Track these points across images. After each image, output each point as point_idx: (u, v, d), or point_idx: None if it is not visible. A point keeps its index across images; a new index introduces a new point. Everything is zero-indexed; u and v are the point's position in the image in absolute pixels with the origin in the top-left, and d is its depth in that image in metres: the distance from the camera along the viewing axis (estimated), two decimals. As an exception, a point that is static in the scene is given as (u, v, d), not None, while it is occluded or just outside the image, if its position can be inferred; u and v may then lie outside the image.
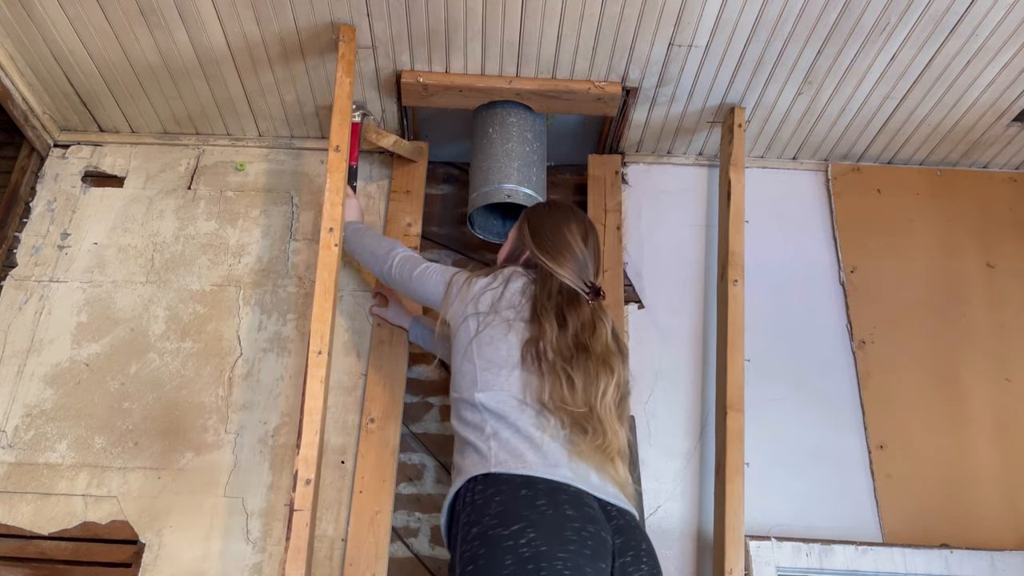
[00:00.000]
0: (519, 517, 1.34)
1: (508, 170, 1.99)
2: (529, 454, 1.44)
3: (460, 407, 1.57)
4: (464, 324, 1.62)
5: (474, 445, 1.49)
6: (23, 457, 1.91)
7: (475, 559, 1.33)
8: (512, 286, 1.64)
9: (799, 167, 2.35)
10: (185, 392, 1.98)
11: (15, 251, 2.15)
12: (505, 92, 2.05)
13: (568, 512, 1.36)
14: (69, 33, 1.96)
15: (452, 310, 1.66)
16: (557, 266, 1.65)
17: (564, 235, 1.70)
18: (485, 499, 1.40)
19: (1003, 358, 2.11)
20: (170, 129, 2.29)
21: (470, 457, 1.49)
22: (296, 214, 2.21)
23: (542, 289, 1.64)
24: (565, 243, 1.69)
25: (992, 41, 1.90)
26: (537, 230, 1.74)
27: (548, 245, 1.69)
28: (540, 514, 1.34)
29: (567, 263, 1.66)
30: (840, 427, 2.02)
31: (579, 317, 1.60)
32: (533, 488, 1.39)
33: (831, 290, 2.19)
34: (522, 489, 1.39)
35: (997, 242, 2.25)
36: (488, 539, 1.33)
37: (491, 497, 1.39)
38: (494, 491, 1.40)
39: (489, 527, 1.35)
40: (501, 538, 1.32)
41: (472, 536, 1.36)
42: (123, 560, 1.81)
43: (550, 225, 1.73)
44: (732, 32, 1.91)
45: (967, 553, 1.88)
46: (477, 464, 1.46)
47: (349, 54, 1.89)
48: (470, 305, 1.64)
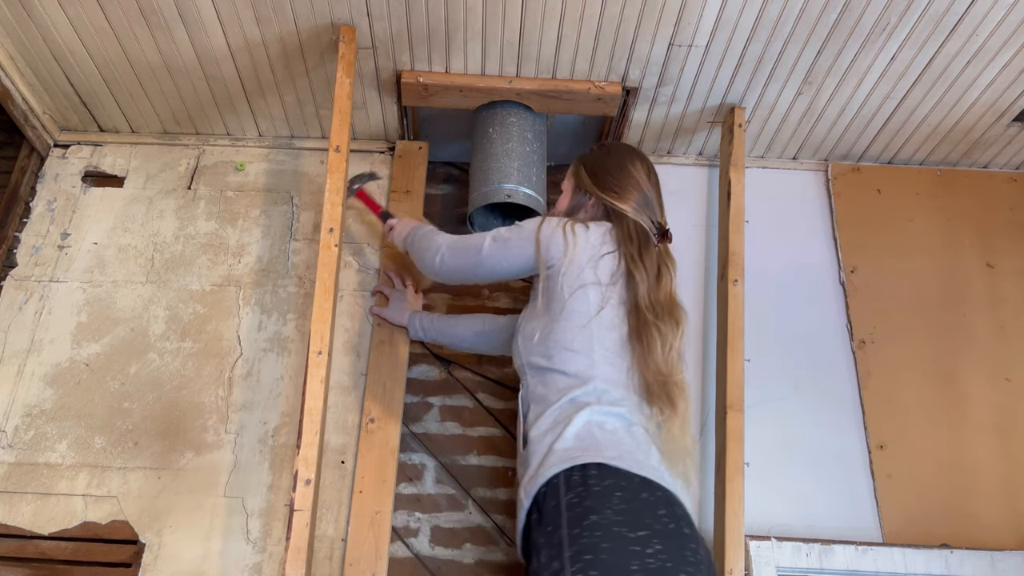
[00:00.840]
0: (643, 524, 1.31)
1: (508, 170, 1.99)
2: (639, 451, 1.41)
3: (556, 379, 1.51)
4: (582, 292, 1.53)
5: (579, 427, 1.43)
6: (23, 457, 1.91)
7: (596, 549, 1.27)
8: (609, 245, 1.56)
9: (799, 167, 2.35)
10: (185, 392, 1.98)
11: (15, 251, 2.15)
12: (505, 92, 2.05)
13: (686, 531, 1.34)
14: (69, 33, 1.96)
15: (565, 266, 1.54)
16: (626, 205, 1.56)
17: (629, 171, 1.60)
18: (605, 489, 1.35)
19: (1003, 358, 2.11)
20: (170, 129, 2.29)
21: (574, 440, 1.43)
22: (296, 214, 2.21)
23: (623, 236, 1.55)
24: (631, 180, 1.59)
25: (992, 41, 1.90)
26: (597, 171, 1.64)
27: (614, 184, 1.60)
28: (663, 526, 1.31)
29: (636, 202, 1.57)
30: (840, 427, 2.02)
31: (651, 262, 1.54)
32: (653, 494, 1.36)
33: (831, 290, 2.19)
34: (643, 492, 1.36)
35: (997, 242, 2.25)
36: (612, 535, 1.28)
37: (611, 490, 1.35)
38: (613, 483, 1.36)
39: (613, 522, 1.30)
40: (627, 540, 1.28)
41: (592, 524, 1.30)
42: (123, 560, 1.81)
43: (612, 164, 1.64)
44: (732, 32, 1.91)
45: (967, 553, 1.88)
46: (587, 451, 1.40)
47: (349, 54, 1.90)
48: (589, 269, 1.54)
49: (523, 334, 1.62)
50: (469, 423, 2.00)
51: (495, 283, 2.12)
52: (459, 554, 1.87)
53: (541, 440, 1.47)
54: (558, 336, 1.53)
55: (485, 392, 2.04)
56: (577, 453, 1.41)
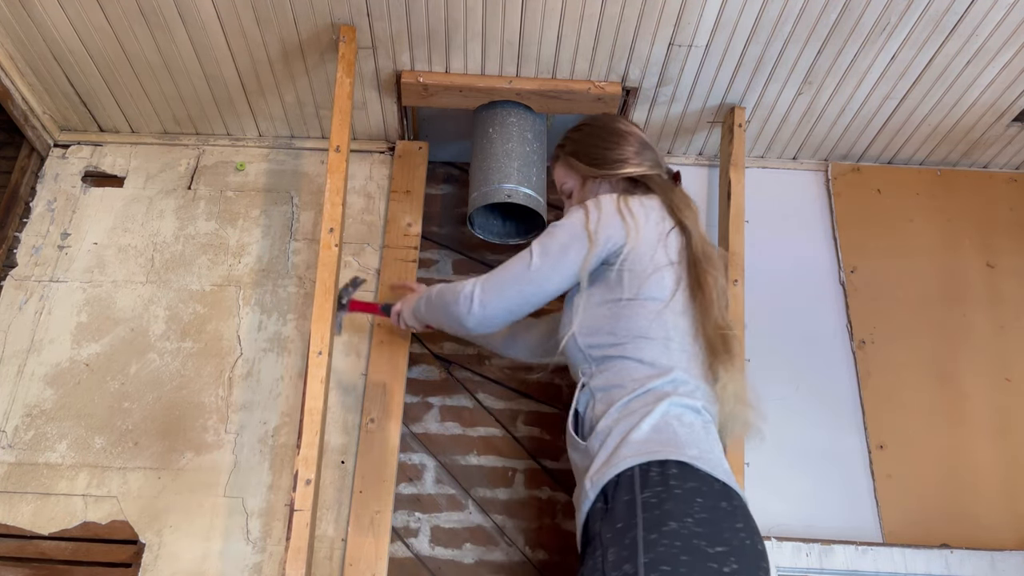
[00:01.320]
0: (722, 538, 1.25)
1: (508, 170, 1.98)
2: (716, 451, 1.37)
3: (630, 367, 1.43)
4: (657, 276, 1.45)
5: (657, 419, 1.36)
6: (23, 457, 1.91)
7: (674, 561, 1.21)
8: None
9: (799, 167, 2.35)
10: (185, 392, 1.98)
11: (15, 251, 2.15)
12: (505, 92, 2.05)
13: (759, 548, 1.29)
14: (69, 33, 1.96)
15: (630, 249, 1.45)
16: (644, 167, 1.51)
17: (620, 133, 1.54)
18: (686, 492, 1.28)
19: (1003, 358, 2.11)
20: (170, 129, 2.29)
21: (651, 432, 1.35)
22: (296, 214, 2.21)
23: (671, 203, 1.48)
24: (629, 140, 1.53)
25: (992, 41, 1.90)
26: (591, 152, 1.57)
27: (618, 154, 1.53)
28: (740, 542, 1.26)
29: (648, 159, 1.52)
30: (840, 427, 2.02)
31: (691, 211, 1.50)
32: (731, 503, 1.30)
33: (831, 290, 2.19)
34: (722, 501, 1.30)
35: (997, 242, 2.25)
36: (692, 548, 1.22)
37: (692, 495, 1.28)
38: (694, 487, 1.29)
39: (693, 534, 1.24)
40: (706, 556, 1.22)
41: (671, 531, 1.23)
42: (123, 560, 1.81)
43: (600, 138, 1.56)
44: (732, 32, 1.91)
45: (967, 553, 1.88)
46: (666, 445, 1.32)
47: (349, 54, 1.90)
48: (660, 249, 1.46)
49: (582, 325, 1.49)
50: (469, 423, 2.00)
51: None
52: (459, 554, 1.87)
53: (613, 429, 1.38)
54: (630, 324, 1.44)
55: (485, 392, 2.04)
56: (656, 447, 1.33)
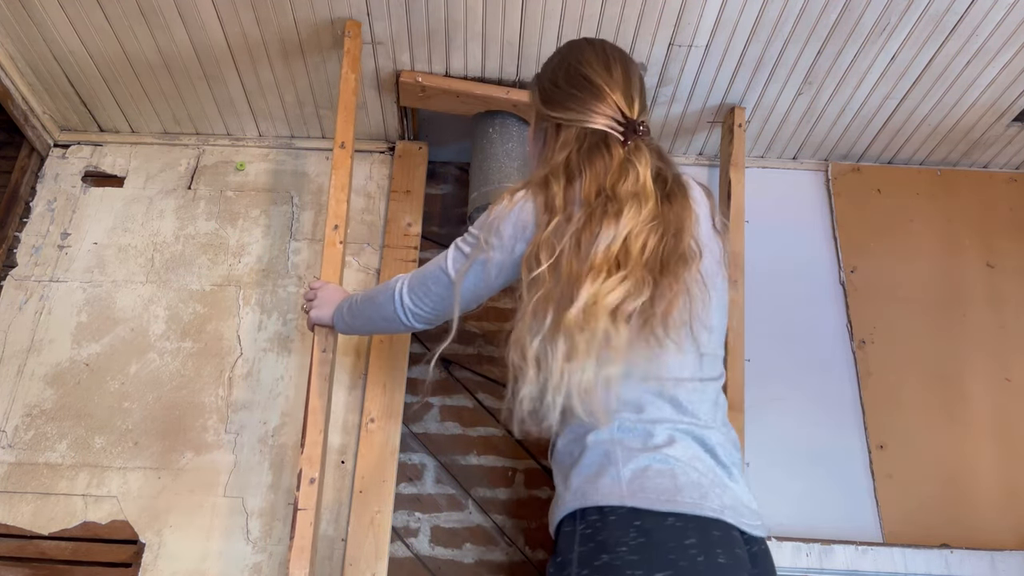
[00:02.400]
0: (666, 562, 1.11)
1: (508, 170, 1.99)
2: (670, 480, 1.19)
3: None
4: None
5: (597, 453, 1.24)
6: (23, 457, 1.91)
7: None
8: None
9: (799, 167, 2.35)
10: (185, 392, 1.98)
11: (15, 251, 2.15)
12: (502, 103, 2.04)
13: (721, 561, 1.13)
14: (69, 33, 1.96)
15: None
16: (574, 114, 1.34)
17: (579, 70, 1.37)
18: (621, 519, 1.17)
19: (1003, 358, 2.11)
20: (170, 129, 2.29)
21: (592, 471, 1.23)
22: (296, 214, 2.21)
23: (552, 149, 1.34)
24: (580, 79, 1.36)
25: (992, 41, 1.90)
26: (544, 85, 1.41)
27: (560, 95, 1.37)
28: (691, 560, 1.11)
29: (586, 104, 1.34)
30: (840, 427, 2.02)
31: (604, 164, 1.28)
32: (682, 518, 1.16)
33: (831, 290, 2.19)
34: (668, 517, 1.16)
35: (997, 242, 2.25)
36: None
37: (630, 519, 1.16)
38: (632, 510, 1.17)
39: (627, 563, 1.11)
40: None
41: (602, 565, 1.13)
42: (123, 560, 1.81)
43: (559, 67, 1.40)
44: (732, 32, 1.91)
45: (967, 553, 1.88)
46: (605, 491, 1.20)
47: (355, 49, 1.89)
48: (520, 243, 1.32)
49: None
50: (469, 423, 2.00)
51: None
52: (459, 554, 1.87)
53: (561, 461, 1.31)
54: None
55: (485, 392, 2.04)
56: (587, 492, 1.23)
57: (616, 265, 1.21)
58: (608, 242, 1.21)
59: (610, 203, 1.24)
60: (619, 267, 1.21)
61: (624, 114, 1.35)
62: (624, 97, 1.36)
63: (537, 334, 1.21)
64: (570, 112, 1.36)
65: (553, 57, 1.48)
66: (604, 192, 1.26)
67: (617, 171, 1.28)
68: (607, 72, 1.38)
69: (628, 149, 1.32)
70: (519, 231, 1.32)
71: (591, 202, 1.25)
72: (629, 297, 1.19)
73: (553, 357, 1.19)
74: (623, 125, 1.34)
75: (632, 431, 1.25)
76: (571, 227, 1.24)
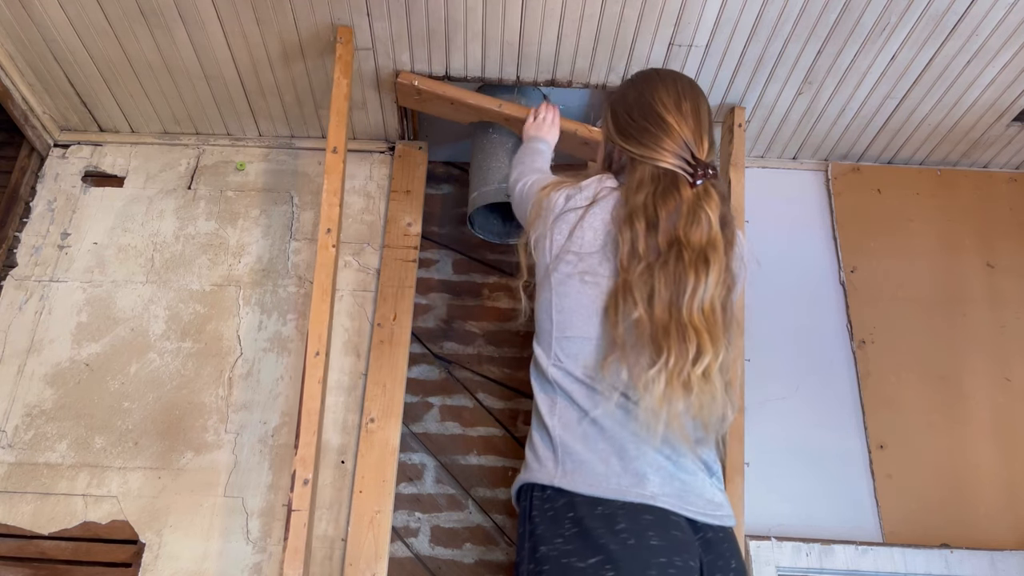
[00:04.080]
0: (597, 547, 1.19)
1: (508, 170, 1.98)
2: (601, 464, 1.27)
3: (535, 375, 1.41)
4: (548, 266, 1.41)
5: (542, 439, 1.33)
6: (23, 457, 1.91)
7: None
8: (598, 210, 1.39)
9: (799, 167, 2.35)
10: (185, 392, 1.98)
11: (15, 251, 2.15)
12: (494, 115, 2.03)
13: (653, 543, 1.20)
14: (69, 33, 1.96)
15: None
16: (648, 150, 1.38)
17: (651, 107, 1.42)
18: (557, 511, 1.26)
19: (1003, 358, 2.11)
20: (170, 129, 2.29)
21: (538, 452, 1.33)
22: (296, 214, 2.21)
23: (630, 184, 1.38)
24: (654, 117, 1.40)
25: (992, 41, 1.90)
26: (617, 114, 1.46)
27: (632, 129, 1.42)
28: (622, 543, 1.18)
29: (659, 143, 1.38)
30: (840, 427, 2.02)
31: (676, 206, 1.33)
32: (610, 506, 1.23)
33: (831, 290, 2.19)
34: (598, 507, 1.24)
35: (997, 242, 2.25)
36: (562, 568, 1.19)
37: (563, 512, 1.25)
38: (566, 503, 1.26)
39: (563, 552, 1.21)
40: (576, 571, 1.18)
41: (541, 556, 1.22)
42: (123, 560, 1.81)
43: (632, 101, 1.45)
44: (732, 32, 1.91)
45: (967, 553, 1.88)
46: (544, 470, 1.31)
47: (347, 55, 1.89)
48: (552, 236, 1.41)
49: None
50: (469, 423, 2.00)
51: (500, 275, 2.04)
52: (459, 554, 1.87)
53: (528, 442, 1.40)
54: (536, 316, 1.44)
55: (485, 392, 2.04)
56: (533, 472, 1.33)
57: (705, 322, 1.30)
58: (700, 299, 1.30)
59: (685, 251, 1.31)
60: (707, 326, 1.30)
61: (693, 154, 1.39)
62: (694, 136, 1.40)
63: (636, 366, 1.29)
64: (642, 148, 1.41)
65: (624, 87, 1.54)
66: (679, 242, 1.32)
67: (688, 216, 1.34)
68: (678, 110, 1.42)
69: (697, 192, 1.36)
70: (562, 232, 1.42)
71: (667, 250, 1.32)
72: (717, 361, 1.30)
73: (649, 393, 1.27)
74: (691, 166, 1.38)
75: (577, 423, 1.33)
76: (656, 271, 1.31)
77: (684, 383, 1.26)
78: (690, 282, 1.29)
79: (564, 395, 1.35)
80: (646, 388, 1.26)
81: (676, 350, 1.27)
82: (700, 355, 1.27)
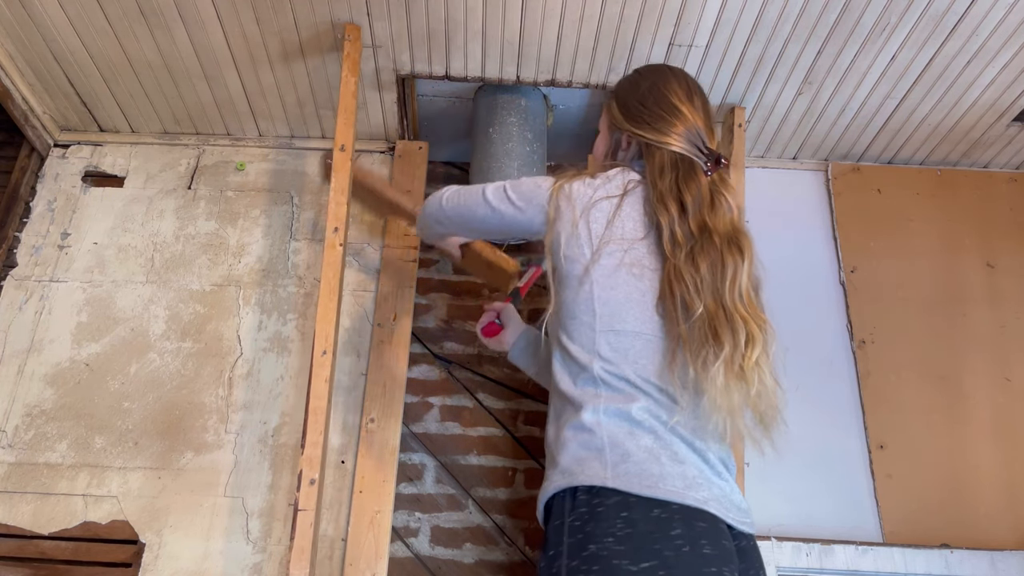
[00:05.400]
0: (651, 552, 1.13)
1: (508, 170, 1.99)
2: (655, 464, 1.22)
3: (567, 371, 1.34)
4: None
5: (579, 438, 1.27)
6: (23, 457, 1.91)
7: None
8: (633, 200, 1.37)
9: (799, 167, 2.35)
10: (185, 392, 1.98)
11: (15, 251, 2.15)
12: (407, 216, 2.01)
13: (707, 552, 1.16)
14: (69, 33, 1.96)
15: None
16: (663, 136, 1.39)
17: (664, 96, 1.43)
18: (608, 508, 1.19)
19: (1003, 358, 2.11)
20: (170, 129, 2.29)
21: (576, 454, 1.26)
22: (296, 214, 2.21)
23: (652, 169, 1.37)
24: (667, 105, 1.42)
25: (992, 41, 1.90)
26: (629, 101, 1.47)
27: (646, 115, 1.42)
28: (676, 550, 1.14)
29: (674, 129, 1.40)
30: (840, 427, 2.02)
31: (697, 191, 1.34)
32: (667, 509, 1.18)
33: (831, 290, 2.19)
34: (654, 508, 1.18)
35: (997, 242, 2.25)
36: (611, 569, 1.13)
37: (616, 510, 1.19)
38: (619, 502, 1.19)
39: (614, 553, 1.14)
40: (626, 573, 1.12)
41: (590, 555, 1.15)
42: (123, 560, 1.81)
43: (645, 90, 1.46)
44: (732, 32, 1.91)
45: (967, 553, 1.88)
46: (588, 471, 1.23)
47: (354, 53, 1.89)
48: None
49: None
50: (469, 423, 2.00)
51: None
52: (459, 554, 1.87)
53: (550, 444, 1.35)
54: (567, 311, 1.37)
55: (485, 392, 2.04)
56: (575, 473, 1.26)
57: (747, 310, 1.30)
58: (740, 286, 1.30)
59: (715, 236, 1.32)
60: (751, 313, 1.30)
61: (706, 143, 1.42)
62: (705, 127, 1.43)
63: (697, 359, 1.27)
64: (657, 134, 1.42)
65: (635, 77, 1.55)
66: (708, 228, 1.33)
67: (710, 204, 1.35)
68: (689, 101, 1.45)
69: (712, 180, 1.38)
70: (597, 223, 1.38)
71: (700, 236, 1.32)
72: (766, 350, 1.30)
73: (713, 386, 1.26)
74: (705, 154, 1.40)
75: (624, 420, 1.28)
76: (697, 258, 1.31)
77: (738, 374, 1.25)
78: (729, 269, 1.29)
79: (611, 390, 1.29)
80: (711, 382, 1.24)
81: (730, 340, 1.25)
82: (751, 343, 1.26)
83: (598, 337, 1.32)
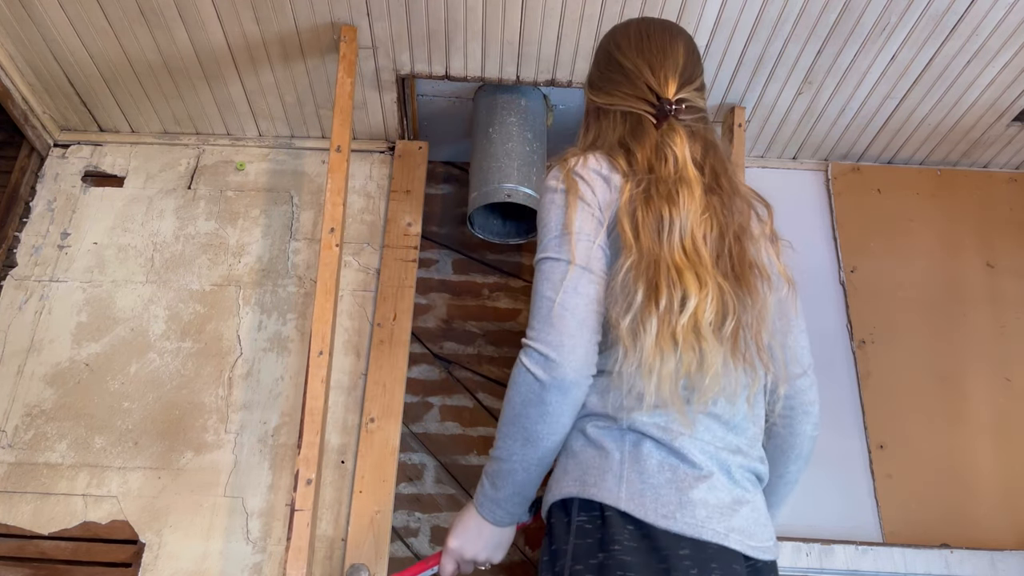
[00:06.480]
0: (656, 570, 1.07)
1: (508, 170, 1.99)
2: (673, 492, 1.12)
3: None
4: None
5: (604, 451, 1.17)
6: (23, 457, 1.91)
7: None
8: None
9: (799, 167, 2.35)
10: (185, 392, 1.98)
11: (15, 251, 2.15)
12: None
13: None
14: (69, 33, 1.96)
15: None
16: (609, 97, 1.34)
17: (610, 55, 1.38)
18: (618, 530, 1.11)
19: (1003, 358, 2.11)
20: (170, 129, 2.29)
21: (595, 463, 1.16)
22: (296, 214, 2.21)
23: (603, 131, 1.32)
24: (612, 64, 1.36)
25: (992, 41, 1.90)
26: (590, 72, 1.42)
27: (597, 80, 1.38)
28: (684, 572, 1.07)
29: (618, 88, 1.34)
30: (840, 427, 2.02)
31: (647, 143, 1.26)
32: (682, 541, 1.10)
33: (831, 290, 2.19)
34: (670, 539, 1.10)
35: (997, 242, 2.25)
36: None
37: (624, 522, 1.11)
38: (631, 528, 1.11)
39: (620, 564, 1.07)
40: None
41: (593, 568, 1.09)
42: (123, 560, 1.81)
43: (600, 54, 1.41)
44: (732, 32, 1.91)
45: (967, 553, 1.88)
46: (603, 487, 1.14)
47: (350, 54, 1.90)
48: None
49: None
50: (469, 423, 2.00)
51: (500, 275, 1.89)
52: (459, 554, 1.86)
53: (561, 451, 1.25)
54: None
55: (485, 392, 2.04)
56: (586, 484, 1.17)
57: (690, 262, 1.17)
58: (679, 233, 1.18)
59: (660, 184, 1.21)
60: (692, 265, 1.17)
61: (657, 95, 1.32)
62: (655, 77, 1.32)
63: (628, 312, 1.15)
64: (605, 96, 1.36)
65: (600, 42, 1.47)
66: (653, 171, 1.24)
67: (654, 154, 1.26)
68: (638, 54, 1.35)
69: (661, 132, 1.29)
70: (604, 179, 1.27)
71: (646, 176, 1.23)
72: (721, 316, 1.17)
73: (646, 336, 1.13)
74: (655, 107, 1.31)
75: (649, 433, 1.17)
76: (640, 200, 1.21)
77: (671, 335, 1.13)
78: (669, 213, 1.19)
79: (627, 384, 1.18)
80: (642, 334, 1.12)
81: (666, 295, 1.13)
82: (685, 300, 1.14)
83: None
